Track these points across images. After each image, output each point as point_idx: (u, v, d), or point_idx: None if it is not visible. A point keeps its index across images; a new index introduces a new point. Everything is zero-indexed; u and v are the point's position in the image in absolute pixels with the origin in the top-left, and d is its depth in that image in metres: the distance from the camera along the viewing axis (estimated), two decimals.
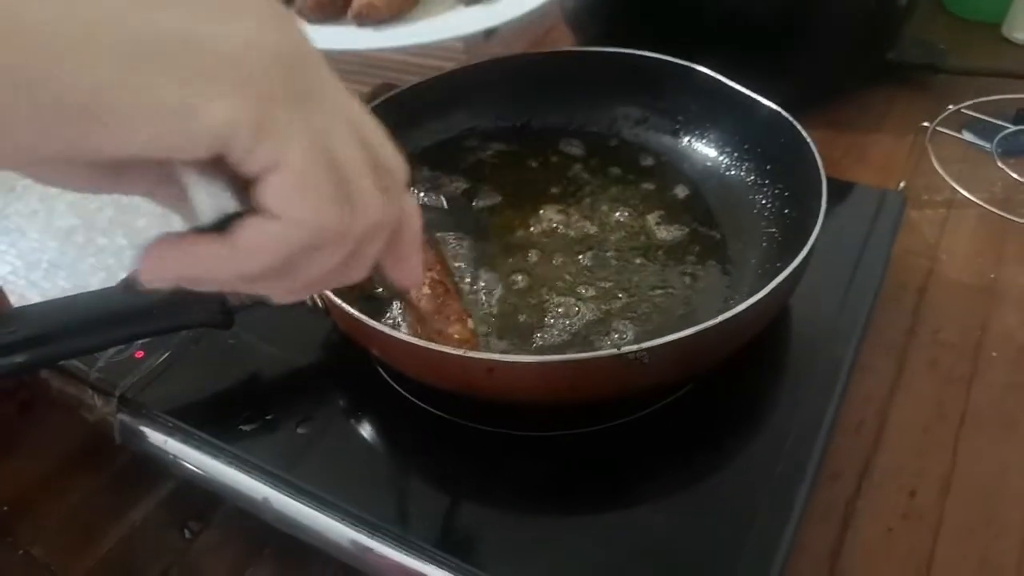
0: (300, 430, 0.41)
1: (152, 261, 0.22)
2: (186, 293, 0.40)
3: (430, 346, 0.36)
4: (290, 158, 0.20)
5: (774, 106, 0.48)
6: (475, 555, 0.36)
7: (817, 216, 0.41)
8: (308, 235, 0.21)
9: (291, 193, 0.20)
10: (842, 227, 0.51)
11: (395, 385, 0.43)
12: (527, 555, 0.36)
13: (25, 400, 0.48)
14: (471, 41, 0.55)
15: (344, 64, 2.10)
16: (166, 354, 0.45)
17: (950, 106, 0.67)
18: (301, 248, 0.21)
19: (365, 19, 0.54)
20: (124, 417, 0.43)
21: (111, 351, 0.45)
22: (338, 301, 0.39)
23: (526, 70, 0.57)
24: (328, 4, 0.55)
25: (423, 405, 0.42)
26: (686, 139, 0.55)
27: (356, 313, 0.38)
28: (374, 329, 0.37)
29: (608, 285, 0.46)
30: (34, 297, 2.00)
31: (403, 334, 0.37)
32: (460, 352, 0.36)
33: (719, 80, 0.51)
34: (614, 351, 0.35)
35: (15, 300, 0.68)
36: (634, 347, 0.35)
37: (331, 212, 0.21)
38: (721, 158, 0.53)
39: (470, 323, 0.43)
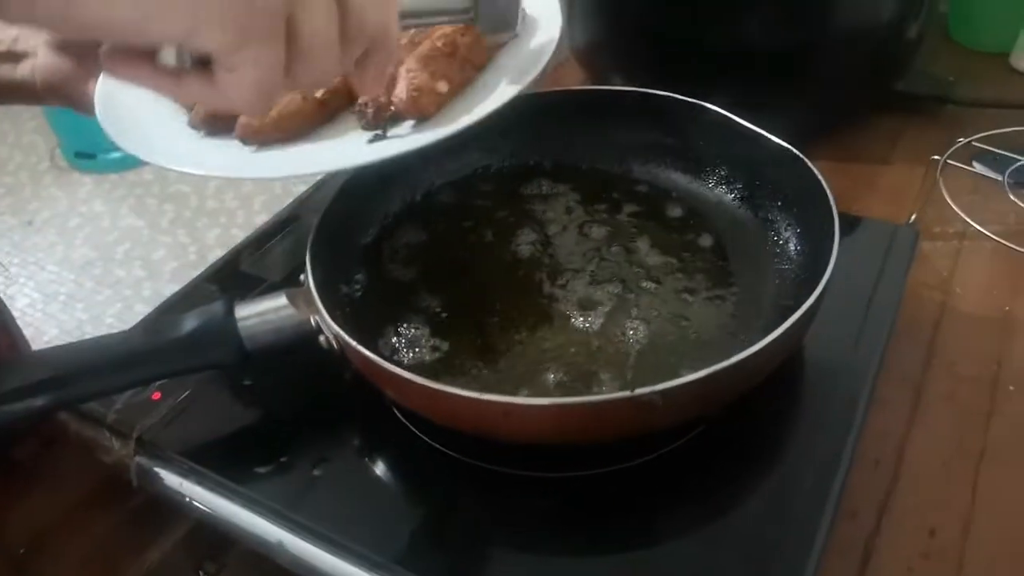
0: (315, 472, 0.41)
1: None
2: (203, 335, 0.40)
3: (445, 389, 0.36)
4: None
5: (784, 144, 0.48)
6: None
7: (830, 253, 0.41)
8: None
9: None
10: (855, 262, 0.51)
11: (410, 426, 0.43)
12: None
13: (47, 436, 0.48)
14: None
15: None
16: (183, 396, 0.45)
17: (960, 139, 0.67)
18: None
19: (247, 140, 0.45)
20: (141, 459, 0.43)
21: (128, 393, 0.45)
22: (353, 343, 0.39)
23: (539, 108, 0.57)
24: (220, 118, 0.46)
25: (438, 446, 0.42)
26: (697, 175, 0.55)
27: (370, 355, 0.38)
28: (388, 371, 0.37)
29: (610, 310, 0.47)
30: (51, 330, 2.01)
31: (417, 376, 0.37)
32: (475, 395, 0.36)
33: (729, 117, 0.51)
34: (627, 393, 0.35)
35: (32, 333, 0.69)
36: (647, 389, 0.35)
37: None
38: (731, 194, 0.53)
39: (441, 85, 0.43)
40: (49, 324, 1.82)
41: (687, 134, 0.54)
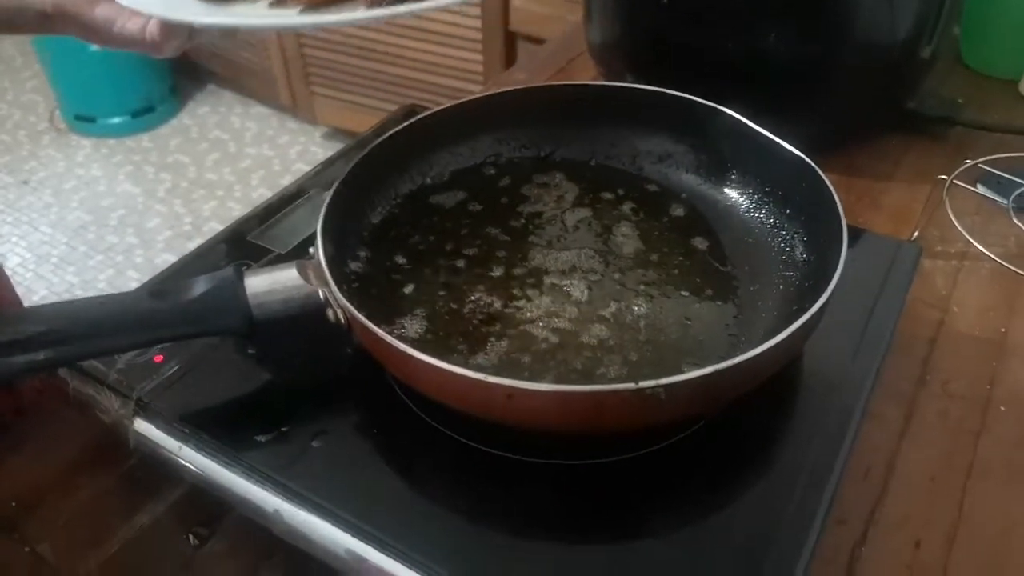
0: (314, 443, 0.42)
1: None
2: (211, 301, 0.40)
3: (451, 369, 0.36)
4: None
5: (798, 152, 0.49)
6: None
7: (837, 263, 0.42)
8: None
9: None
10: (857, 275, 0.51)
11: (411, 404, 0.43)
12: None
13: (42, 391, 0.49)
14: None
15: (369, 83, 2.09)
16: (185, 360, 0.46)
17: (967, 160, 0.68)
18: None
19: None
20: (140, 421, 0.43)
21: (130, 354, 0.45)
22: (360, 317, 0.39)
23: (554, 100, 0.58)
24: None
25: (437, 426, 0.42)
26: (707, 178, 0.55)
27: (378, 330, 0.38)
28: (396, 348, 0.38)
29: (611, 313, 0.47)
30: (41, 290, 2.02)
31: (426, 355, 0.37)
32: (479, 376, 0.36)
33: (744, 123, 0.52)
34: (632, 385, 0.35)
35: (22, 292, 0.69)
36: (651, 383, 0.35)
37: None
38: (742, 199, 0.54)
39: None
40: (39, 285, 1.80)
41: (703, 138, 0.55)
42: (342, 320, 0.41)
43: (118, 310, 0.41)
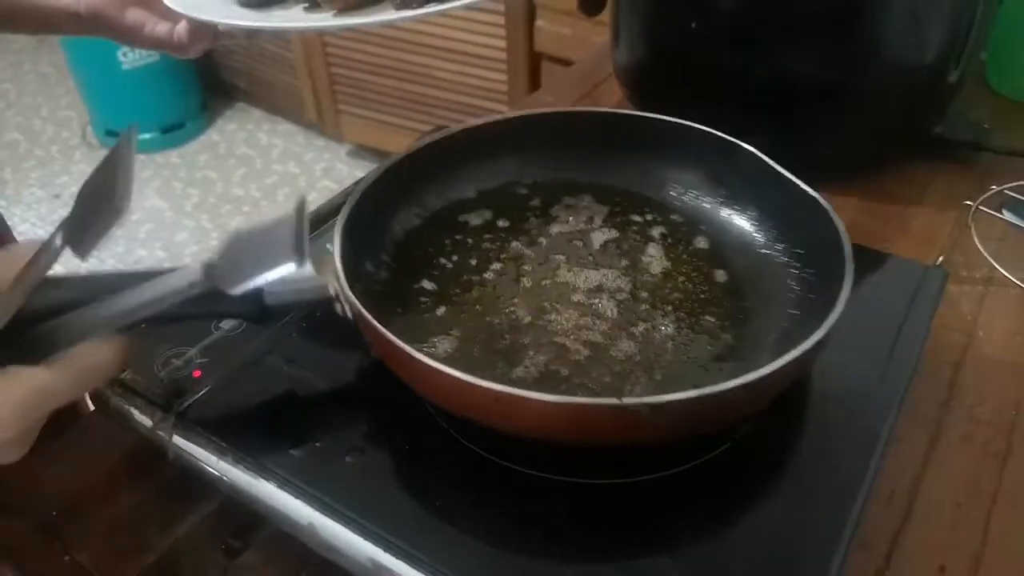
0: (348, 459, 0.43)
1: None
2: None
3: (438, 367, 0.37)
4: None
5: (810, 190, 0.49)
6: None
7: (836, 303, 0.41)
8: None
9: None
10: (883, 298, 0.52)
11: (438, 419, 0.44)
12: None
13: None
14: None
15: (394, 102, 2.11)
16: (223, 376, 0.47)
17: (993, 186, 0.68)
18: None
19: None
20: (179, 434, 0.45)
21: (169, 368, 0.47)
22: (363, 310, 0.41)
23: (583, 127, 0.59)
24: None
25: (466, 443, 0.43)
26: (727, 212, 0.56)
27: (375, 321, 0.40)
28: (389, 340, 0.39)
29: (613, 335, 0.48)
30: None
31: (414, 350, 0.38)
32: (468, 378, 0.37)
33: (761, 159, 0.52)
34: (615, 401, 0.36)
35: None
36: (634, 400, 0.36)
37: None
38: (758, 236, 0.54)
39: None
40: None
41: (723, 171, 0.55)
42: (348, 314, 0.43)
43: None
